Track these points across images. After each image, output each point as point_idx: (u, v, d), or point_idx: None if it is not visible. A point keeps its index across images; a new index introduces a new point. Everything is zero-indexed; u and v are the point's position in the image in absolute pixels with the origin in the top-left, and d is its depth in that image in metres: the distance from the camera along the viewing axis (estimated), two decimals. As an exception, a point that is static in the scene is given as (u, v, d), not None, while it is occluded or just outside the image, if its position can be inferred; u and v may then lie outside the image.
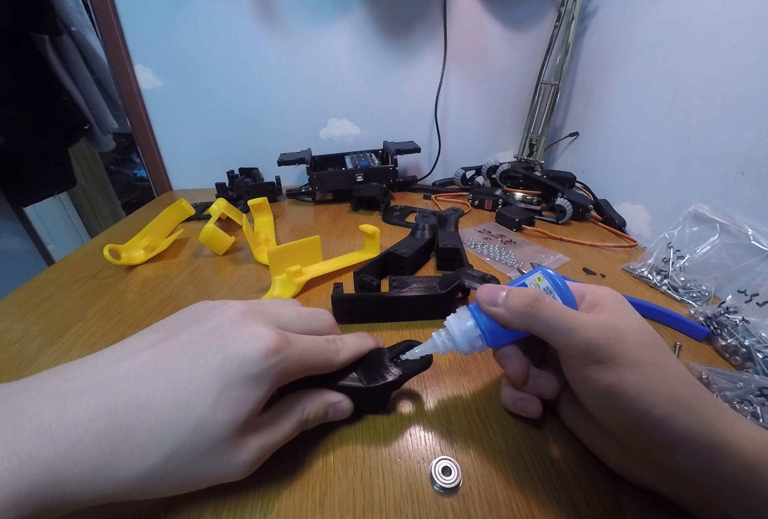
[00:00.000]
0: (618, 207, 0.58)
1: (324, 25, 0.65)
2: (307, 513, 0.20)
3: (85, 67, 0.82)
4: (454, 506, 0.20)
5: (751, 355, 0.30)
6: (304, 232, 0.56)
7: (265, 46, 0.66)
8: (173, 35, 0.64)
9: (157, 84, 0.67)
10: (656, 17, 0.50)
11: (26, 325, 0.35)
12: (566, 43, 0.63)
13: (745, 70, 0.38)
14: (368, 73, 0.70)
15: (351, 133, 0.75)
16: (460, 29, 0.67)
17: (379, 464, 0.22)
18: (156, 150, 0.73)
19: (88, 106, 0.84)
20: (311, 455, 0.22)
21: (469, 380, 0.28)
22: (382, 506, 0.20)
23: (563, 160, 0.76)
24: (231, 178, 0.67)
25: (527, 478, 0.21)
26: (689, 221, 0.43)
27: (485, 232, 0.54)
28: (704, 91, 0.43)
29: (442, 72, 0.69)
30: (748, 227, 0.37)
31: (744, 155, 0.38)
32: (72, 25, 0.78)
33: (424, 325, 0.34)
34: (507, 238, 0.52)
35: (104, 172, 1.27)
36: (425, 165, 0.79)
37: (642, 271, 0.43)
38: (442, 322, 0.24)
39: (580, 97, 0.68)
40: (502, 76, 0.73)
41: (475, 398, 0.27)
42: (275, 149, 0.71)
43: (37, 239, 0.91)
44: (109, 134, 0.94)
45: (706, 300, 0.38)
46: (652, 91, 0.51)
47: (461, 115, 0.75)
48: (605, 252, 0.50)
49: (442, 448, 0.23)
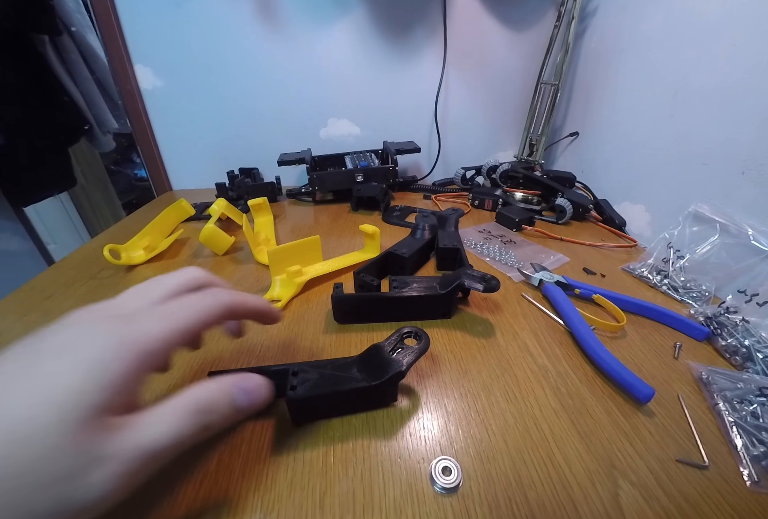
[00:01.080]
0: (618, 207, 0.58)
1: (324, 25, 0.65)
2: (307, 513, 0.20)
3: (85, 68, 0.82)
4: (454, 506, 0.20)
5: (751, 355, 0.30)
6: (304, 232, 0.56)
7: (265, 46, 0.66)
8: (173, 35, 0.64)
9: (156, 84, 0.67)
10: (656, 17, 0.50)
11: (26, 325, 0.35)
12: (566, 43, 0.63)
13: (746, 69, 0.38)
14: (368, 72, 0.70)
15: (351, 133, 0.75)
16: (460, 29, 0.67)
17: (379, 464, 0.22)
18: (156, 150, 0.73)
19: (88, 106, 0.84)
20: (311, 455, 0.22)
21: (469, 380, 0.28)
22: (382, 506, 0.20)
23: (563, 160, 0.76)
24: (231, 178, 0.67)
25: (527, 478, 0.21)
26: (689, 221, 0.43)
27: (485, 232, 0.54)
28: (704, 91, 0.43)
29: (441, 72, 0.69)
30: (748, 227, 0.37)
31: (744, 155, 0.38)
32: (72, 25, 0.78)
33: (425, 325, 0.34)
34: (507, 238, 0.52)
35: (104, 172, 1.27)
36: (425, 165, 0.79)
37: (642, 271, 0.43)
38: (441, 322, 0.24)
39: (580, 96, 0.68)
40: (502, 75, 0.73)
41: (475, 398, 0.27)
42: (275, 149, 0.71)
43: (37, 239, 0.91)
44: (109, 134, 0.94)
45: (707, 300, 0.38)
46: (652, 90, 0.51)
47: (461, 114, 0.75)
48: (605, 252, 0.50)
49: (442, 449, 0.23)
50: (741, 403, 0.26)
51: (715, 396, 0.26)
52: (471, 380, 0.28)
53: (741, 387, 0.26)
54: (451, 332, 0.33)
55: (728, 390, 0.26)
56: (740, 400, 0.26)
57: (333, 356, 0.28)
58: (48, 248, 0.95)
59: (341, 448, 0.23)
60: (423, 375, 0.28)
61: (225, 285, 0.22)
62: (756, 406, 0.25)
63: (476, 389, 0.27)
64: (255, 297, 0.21)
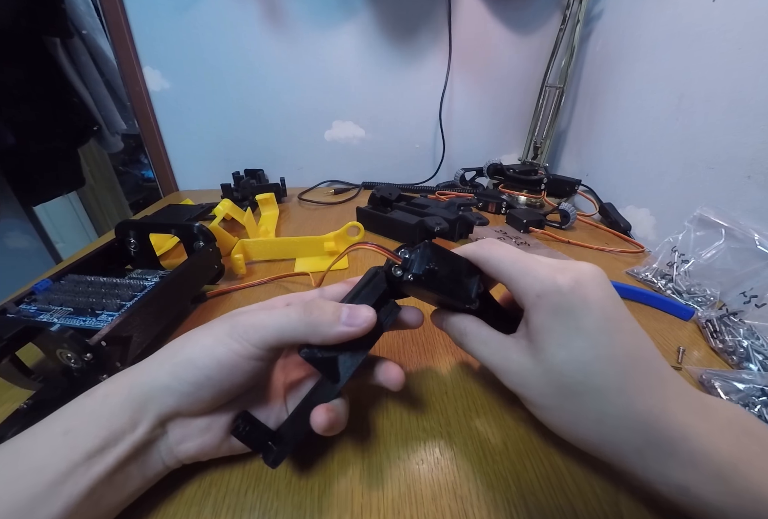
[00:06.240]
0: (623, 210, 0.57)
1: (330, 27, 0.66)
2: (305, 512, 0.20)
3: (96, 70, 0.83)
4: (452, 508, 0.20)
5: (749, 355, 0.30)
6: (307, 232, 0.56)
7: (272, 49, 0.66)
8: (181, 38, 0.64)
9: (165, 86, 0.68)
10: (662, 20, 0.50)
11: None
12: (571, 46, 0.63)
13: (751, 73, 0.38)
14: (373, 75, 0.70)
15: (356, 135, 0.76)
16: (465, 32, 0.67)
17: (378, 464, 0.22)
18: (163, 151, 0.73)
19: (97, 108, 0.85)
20: (310, 455, 0.22)
21: (469, 381, 0.28)
22: (380, 506, 0.20)
23: (568, 163, 0.75)
24: (236, 179, 0.68)
25: (526, 481, 0.21)
26: (694, 225, 0.43)
27: (501, 233, 0.55)
28: (710, 95, 0.43)
29: (446, 74, 0.70)
30: (753, 232, 0.37)
31: (750, 159, 0.38)
32: (83, 28, 0.79)
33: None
34: (522, 240, 0.52)
35: (113, 173, 1.29)
36: (430, 167, 0.79)
37: (646, 275, 0.43)
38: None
39: (585, 99, 0.68)
40: (507, 78, 0.73)
41: (475, 400, 0.27)
42: (280, 151, 0.71)
43: (46, 238, 0.92)
44: (118, 135, 0.95)
45: (711, 305, 0.38)
46: (657, 94, 0.51)
47: (466, 117, 0.76)
48: (610, 255, 0.49)
49: (441, 450, 0.23)
50: (746, 406, 0.25)
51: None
52: (471, 381, 0.28)
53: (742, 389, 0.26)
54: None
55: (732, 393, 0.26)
56: (745, 404, 0.25)
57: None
58: (56, 247, 0.96)
59: (340, 448, 0.23)
60: (423, 375, 0.28)
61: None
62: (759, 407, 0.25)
63: (476, 391, 0.27)
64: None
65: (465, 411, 0.26)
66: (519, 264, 0.19)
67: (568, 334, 0.17)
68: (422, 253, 0.20)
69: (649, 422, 0.16)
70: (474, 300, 0.21)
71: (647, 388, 0.17)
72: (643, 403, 0.16)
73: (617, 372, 0.17)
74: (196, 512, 0.19)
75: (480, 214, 0.50)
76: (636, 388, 0.16)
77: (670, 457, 0.16)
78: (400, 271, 0.20)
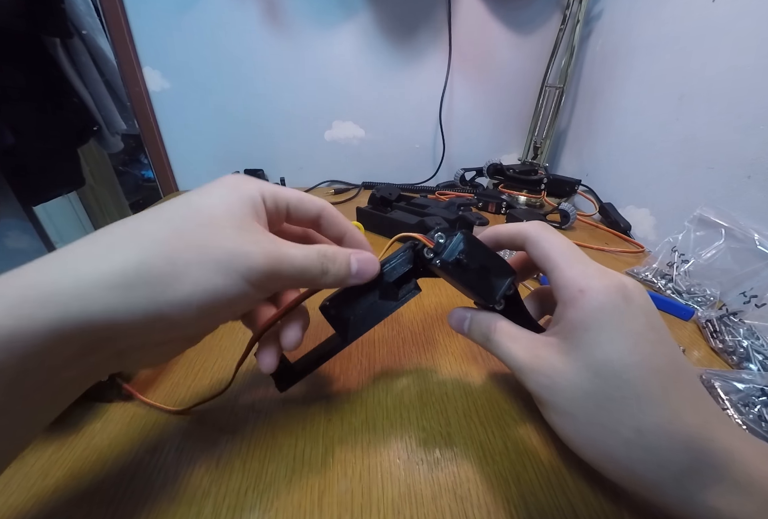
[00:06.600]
0: (623, 210, 0.57)
1: (329, 28, 0.66)
2: (305, 512, 0.20)
3: (95, 70, 0.83)
4: (452, 508, 0.20)
5: (749, 355, 0.30)
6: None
7: (271, 49, 0.66)
8: (181, 38, 0.64)
9: (164, 86, 0.68)
10: (662, 20, 0.50)
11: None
12: (571, 46, 0.63)
13: (751, 73, 0.38)
14: (373, 75, 0.70)
15: (355, 135, 0.76)
16: (465, 32, 0.67)
17: (378, 464, 0.22)
18: (163, 151, 0.73)
19: (97, 108, 0.85)
20: (310, 454, 0.22)
21: (469, 382, 0.28)
22: (380, 507, 0.20)
23: (568, 163, 0.75)
24: (236, 179, 0.68)
25: (526, 481, 0.21)
26: (694, 225, 0.43)
27: None
28: (710, 95, 0.43)
29: (446, 74, 0.70)
30: (753, 232, 0.37)
31: (750, 159, 0.38)
32: (83, 28, 0.79)
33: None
34: None
35: (113, 173, 1.28)
36: (430, 167, 0.79)
37: (646, 275, 0.43)
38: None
39: (585, 99, 0.68)
40: (507, 78, 0.73)
41: (475, 400, 0.27)
42: (280, 151, 0.71)
43: (45, 238, 0.92)
44: (118, 135, 0.95)
45: (711, 305, 0.38)
46: (657, 94, 0.51)
47: (466, 117, 0.76)
48: (611, 255, 0.49)
49: (441, 450, 0.23)
50: (746, 406, 0.25)
51: (720, 401, 0.26)
52: (471, 382, 0.28)
53: (742, 389, 0.26)
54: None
55: (732, 393, 0.26)
56: (745, 404, 0.25)
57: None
58: (56, 247, 0.96)
59: (340, 447, 0.23)
60: (423, 376, 0.28)
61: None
62: (759, 407, 0.25)
63: (476, 391, 0.27)
64: None
65: (465, 411, 0.26)
66: (569, 254, 0.18)
67: (609, 334, 0.16)
68: (456, 242, 0.20)
69: (695, 442, 0.14)
70: (498, 301, 0.21)
71: (690, 403, 0.15)
72: (691, 419, 0.14)
73: (661, 382, 0.15)
74: (196, 512, 0.19)
75: (480, 214, 0.50)
76: (680, 401, 0.15)
77: (718, 484, 0.14)
78: (432, 254, 0.20)
